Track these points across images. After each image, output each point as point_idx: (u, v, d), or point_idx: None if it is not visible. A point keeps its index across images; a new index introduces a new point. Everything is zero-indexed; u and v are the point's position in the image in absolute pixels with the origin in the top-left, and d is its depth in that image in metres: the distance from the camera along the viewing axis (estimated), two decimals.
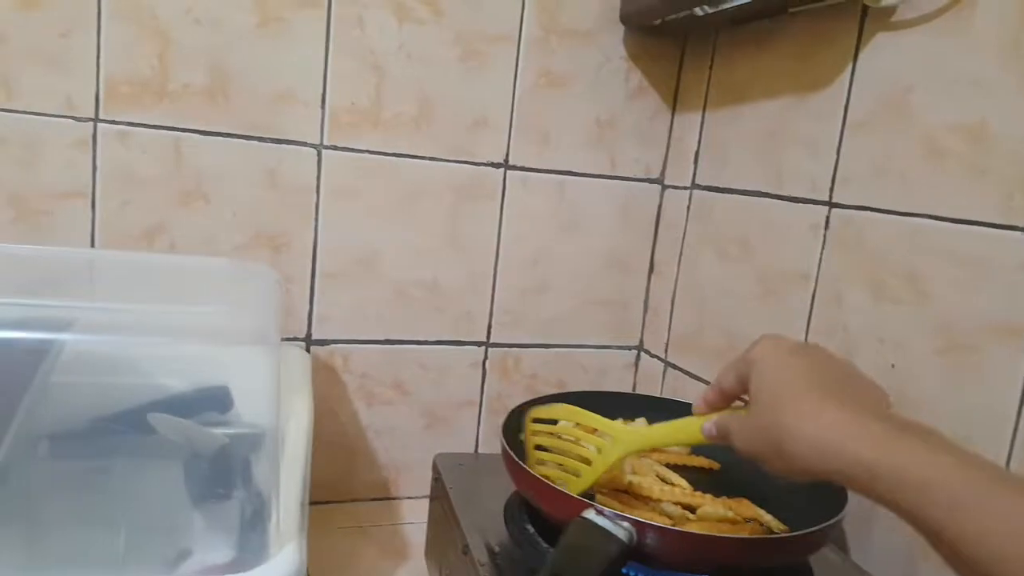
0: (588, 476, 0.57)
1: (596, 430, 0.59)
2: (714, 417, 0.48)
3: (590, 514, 0.52)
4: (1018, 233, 0.56)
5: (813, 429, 0.37)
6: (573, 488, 0.57)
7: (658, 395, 0.98)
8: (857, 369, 0.43)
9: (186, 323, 0.57)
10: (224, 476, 0.62)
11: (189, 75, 0.77)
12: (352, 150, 0.83)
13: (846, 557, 0.66)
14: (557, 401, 0.74)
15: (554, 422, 0.63)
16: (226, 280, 0.66)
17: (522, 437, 0.63)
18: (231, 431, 0.64)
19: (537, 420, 0.63)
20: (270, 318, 0.59)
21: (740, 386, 0.46)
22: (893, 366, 0.65)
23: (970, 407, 0.59)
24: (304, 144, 0.82)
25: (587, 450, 0.58)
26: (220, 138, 0.79)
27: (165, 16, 0.75)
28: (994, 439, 0.56)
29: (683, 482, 0.64)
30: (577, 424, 0.61)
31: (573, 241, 0.95)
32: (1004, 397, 0.56)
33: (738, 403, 0.48)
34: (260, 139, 0.80)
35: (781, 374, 0.41)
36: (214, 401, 0.69)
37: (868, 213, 0.69)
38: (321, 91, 0.81)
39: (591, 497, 0.56)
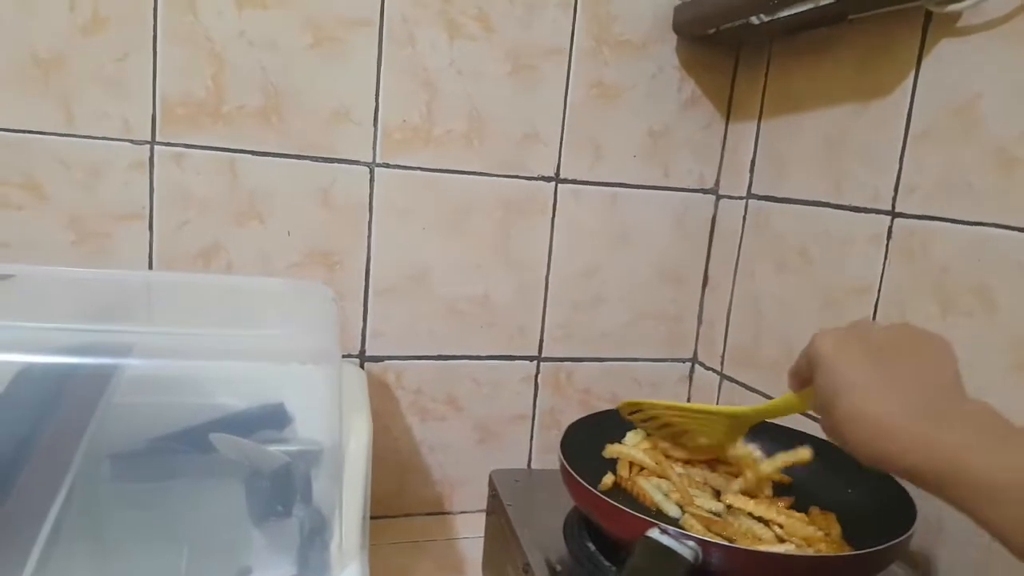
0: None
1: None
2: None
3: (654, 533, 0.51)
4: None
5: (865, 437, 0.37)
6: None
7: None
8: (914, 336, 0.41)
9: (246, 345, 0.57)
10: (284, 494, 0.63)
11: (243, 96, 0.78)
12: (404, 167, 0.84)
13: (914, 572, 0.63)
14: (612, 416, 0.73)
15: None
16: (283, 299, 0.67)
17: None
18: (290, 448, 0.65)
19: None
20: (329, 336, 0.59)
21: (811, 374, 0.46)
22: None
23: None
24: (357, 163, 0.82)
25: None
26: (274, 158, 0.80)
27: (219, 38, 0.77)
28: None
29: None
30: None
31: (625, 254, 0.94)
32: None
33: None
34: (313, 158, 0.81)
35: (832, 378, 0.41)
36: (271, 419, 0.69)
37: (933, 223, 0.66)
38: (373, 109, 0.82)
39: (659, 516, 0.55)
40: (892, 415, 0.37)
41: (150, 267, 0.79)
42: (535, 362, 0.94)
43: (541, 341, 0.93)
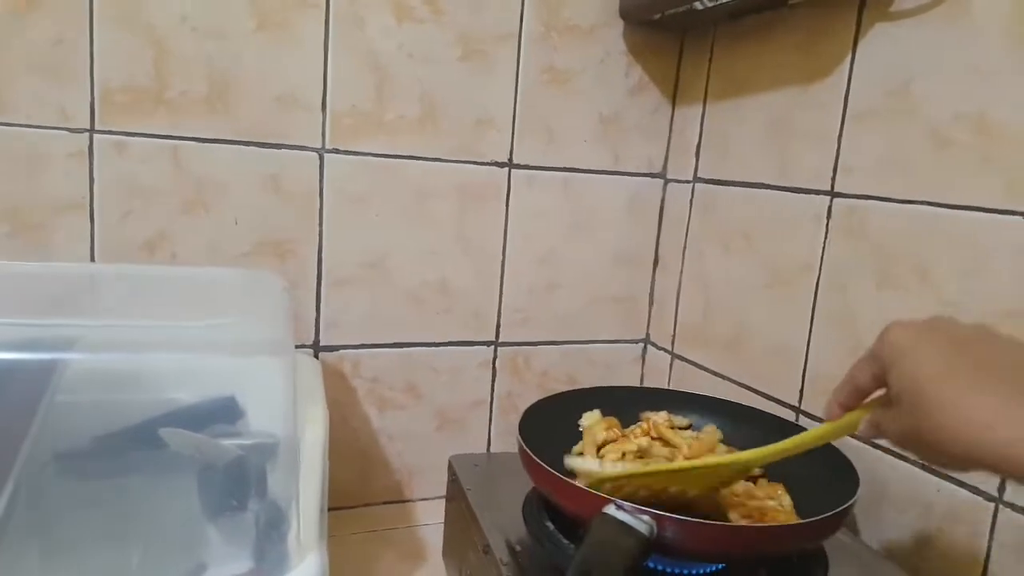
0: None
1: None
2: (865, 415, 0.44)
3: (610, 509, 0.52)
4: (1020, 218, 0.56)
5: (958, 426, 0.35)
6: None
7: (666, 386, 0.98)
8: (993, 333, 0.39)
9: (195, 337, 0.56)
10: (238, 488, 0.62)
11: (187, 82, 0.76)
12: (355, 153, 0.83)
13: (857, 538, 0.66)
14: (568, 398, 0.74)
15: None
16: (233, 289, 0.66)
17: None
18: (244, 442, 0.64)
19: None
20: (282, 326, 0.58)
21: (876, 383, 0.43)
22: None
23: None
24: (306, 149, 0.81)
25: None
26: (220, 145, 0.78)
27: (160, 23, 0.74)
28: None
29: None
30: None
31: (580, 238, 0.95)
32: None
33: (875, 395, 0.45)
34: (261, 145, 0.79)
35: (918, 369, 0.38)
36: (223, 412, 0.68)
37: (871, 202, 0.69)
38: (322, 94, 0.80)
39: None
40: (991, 403, 0.34)
41: (92, 259, 0.77)
42: (492, 347, 0.94)
43: (498, 326, 0.94)
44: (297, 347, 0.83)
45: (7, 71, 0.71)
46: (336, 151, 0.82)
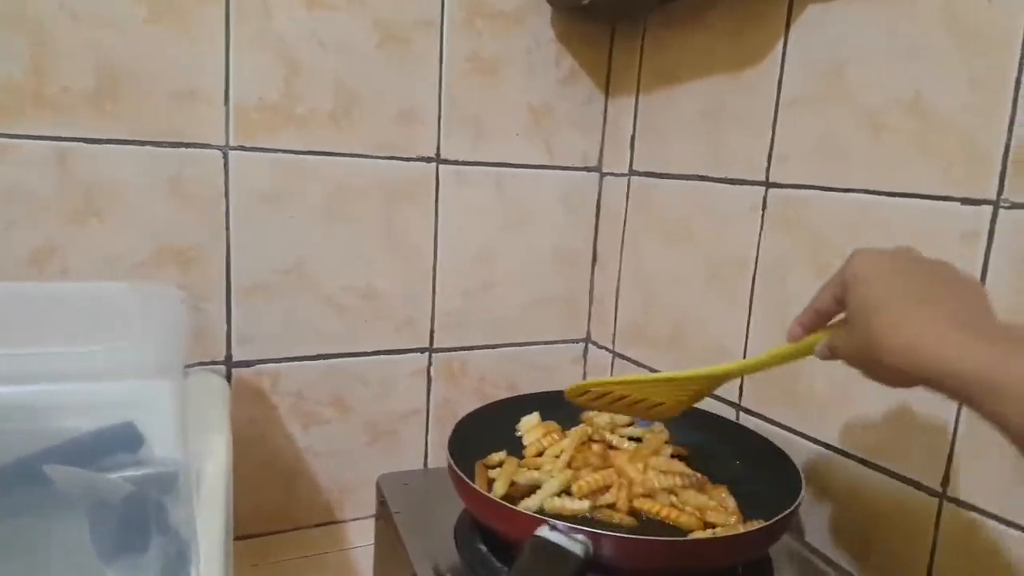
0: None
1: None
2: (823, 338, 0.46)
3: (543, 531, 0.48)
4: (957, 204, 0.55)
5: (903, 343, 0.38)
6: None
7: None
8: (951, 269, 0.42)
9: (73, 363, 0.50)
10: (135, 526, 0.56)
11: (71, 78, 0.68)
12: (264, 150, 0.76)
13: (801, 539, 0.64)
14: (509, 407, 0.70)
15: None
16: (121, 307, 0.59)
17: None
18: (138, 473, 0.58)
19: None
20: (169, 346, 0.52)
21: (837, 306, 0.45)
22: None
23: None
24: (208, 147, 0.74)
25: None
26: (111, 146, 0.71)
27: (37, 11, 0.67)
28: (938, 420, 0.55)
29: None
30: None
31: (515, 236, 0.91)
32: None
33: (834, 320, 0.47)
34: (157, 144, 0.72)
35: (872, 290, 0.41)
36: (122, 440, 0.62)
37: (807, 191, 0.67)
38: (224, 87, 0.74)
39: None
40: (935, 322, 0.37)
41: None
42: (426, 354, 0.89)
43: (432, 332, 0.89)
44: (206, 365, 0.76)
45: None
46: (242, 148, 0.75)
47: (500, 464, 0.63)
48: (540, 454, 0.65)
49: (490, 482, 0.60)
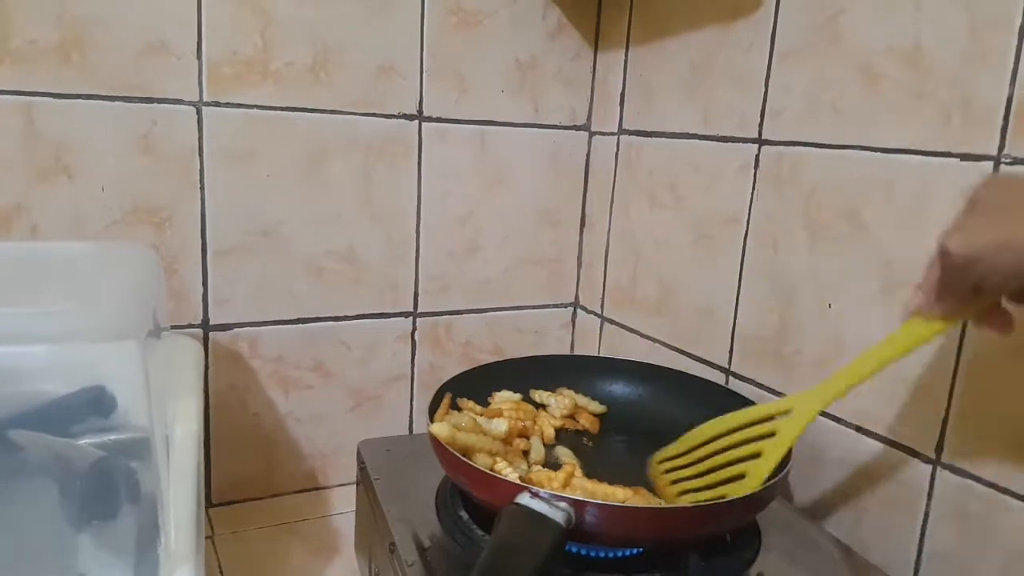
0: (766, 463, 0.50)
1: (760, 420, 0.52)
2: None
3: (524, 498, 0.46)
4: (955, 160, 0.52)
5: None
6: (752, 484, 0.50)
7: (596, 353, 0.93)
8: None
9: (36, 325, 0.48)
10: (105, 493, 0.54)
11: (35, 29, 0.65)
12: (239, 105, 0.73)
13: (791, 506, 0.63)
14: (492, 371, 0.69)
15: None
16: (90, 267, 0.57)
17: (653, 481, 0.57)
18: (109, 438, 0.56)
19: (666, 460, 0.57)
20: (140, 308, 0.50)
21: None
22: (830, 306, 0.62)
23: None
24: (180, 102, 0.71)
25: (747, 447, 0.52)
26: (79, 100, 0.68)
27: None
28: (933, 387, 0.54)
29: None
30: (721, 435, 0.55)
31: (500, 197, 0.88)
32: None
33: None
34: (127, 99, 0.69)
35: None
36: (94, 405, 0.60)
37: (799, 148, 0.64)
38: (196, 40, 0.70)
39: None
40: None
41: None
42: (411, 318, 0.87)
43: (416, 295, 0.87)
44: (182, 327, 0.74)
45: None
46: (216, 104, 0.72)
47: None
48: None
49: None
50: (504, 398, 0.67)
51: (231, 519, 0.78)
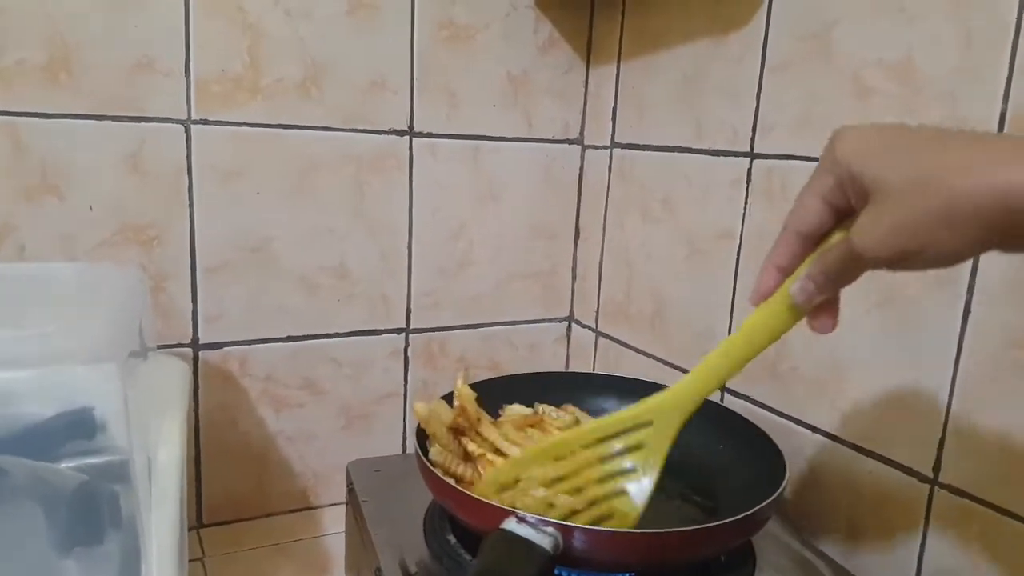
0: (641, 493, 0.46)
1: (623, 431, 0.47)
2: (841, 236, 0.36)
3: (510, 524, 0.45)
4: None
5: (988, 181, 0.29)
6: (626, 522, 0.46)
7: (591, 369, 0.93)
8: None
9: (22, 346, 0.47)
10: (88, 518, 0.54)
11: (22, 49, 0.65)
12: (228, 123, 0.73)
13: (786, 526, 0.62)
14: (488, 388, 0.67)
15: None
16: (75, 288, 0.56)
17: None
18: (92, 461, 0.56)
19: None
20: (124, 328, 0.50)
21: (831, 211, 0.36)
22: None
23: (905, 360, 0.55)
24: (169, 120, 0.71)
25: (613, 464, 0.47)
26: (67, 120, 0.68)
27: None
28: (930, 405, 0.53)
29: None
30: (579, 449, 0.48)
31: (493, 211, 0.88)
32: (944, 336, 0.52)
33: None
34: (115, 118, 0.69)
35: (900, 150, 0.33)
36: (79, 427, 0.59)
37: (792, 162, 0.64)
38: (184, 58, 0.70)
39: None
40: (1000, 150, 0.30)
41: None
42: (403, 334, 0.86)
43: (408, 311, 0.86)
44: (172, 347, 0.74)
45: None
46: (205, 122, 0.72)
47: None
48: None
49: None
50: (516, 411, 0.66)
51: (222, 540, 0.77)
